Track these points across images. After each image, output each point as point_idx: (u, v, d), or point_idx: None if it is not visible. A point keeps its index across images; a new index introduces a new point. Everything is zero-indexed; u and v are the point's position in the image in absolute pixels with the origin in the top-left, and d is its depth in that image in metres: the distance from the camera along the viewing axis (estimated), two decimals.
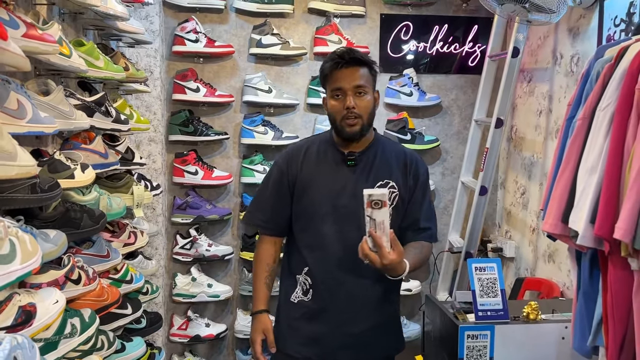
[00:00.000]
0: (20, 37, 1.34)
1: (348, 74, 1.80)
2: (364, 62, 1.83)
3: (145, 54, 3.14)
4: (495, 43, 3.21)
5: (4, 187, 1.31)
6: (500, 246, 3.34)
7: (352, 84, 1.80)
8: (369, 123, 1.86)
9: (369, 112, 1.84)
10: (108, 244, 2.20)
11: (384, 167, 1.88)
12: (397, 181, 1.88)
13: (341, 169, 1.88)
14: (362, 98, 1.81)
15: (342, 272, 1.87)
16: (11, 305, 1.33)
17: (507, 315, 1.94)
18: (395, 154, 1.92)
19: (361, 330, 1.90)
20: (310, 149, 1.95)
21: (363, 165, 1.87)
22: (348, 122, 1.81)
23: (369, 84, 1.83)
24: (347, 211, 1.85)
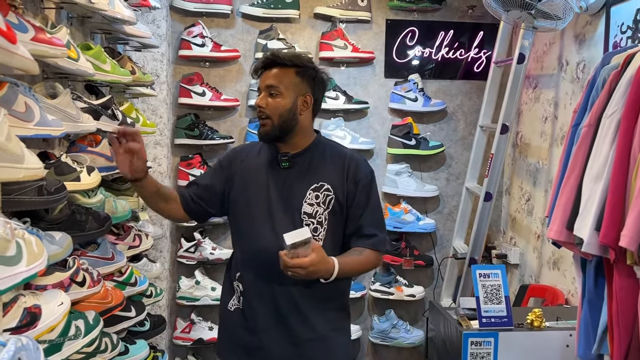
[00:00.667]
0: (29, 41, 1.35)
1: (266, 75, 1.77)
2: (285, 64, 1.76)
3: (152, 58, 3.16)
4: (500, 49, 3.21)
5: (12, 189, 1.32)
6: (505, 252, 3.33)
7: (265, 82, 1.77)
8: (281, 125, 1.75)
9: (279, 114, 1.74)
10: (113, 247, 2.21)
11: (319, 170, 1.78)
12: (332, 184, 1.77)
13: (276, 171, 1.80)
14: (273, 99, 1.75)
15: (274, 277, 1.73)
16: (16, 307, 1.34)
17: (511, 322, 1.94)
18: (334, 157, 1.81)
19: (300, 341, 1.77)
20: (253, 150, 1.90)
21: (299, 168, 1.79)
22: (260, 122, 1.78)
23: (287, 85, 1.75)
24: (279, 215, 1.77)
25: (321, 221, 1.76)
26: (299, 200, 1.76)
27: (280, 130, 1.77)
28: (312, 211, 1.76)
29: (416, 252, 3.47)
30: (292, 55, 1.83)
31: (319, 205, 1.76)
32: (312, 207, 1.76)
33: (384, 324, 3.41)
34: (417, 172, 3.51)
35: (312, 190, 1.76)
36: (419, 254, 3.47)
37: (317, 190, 1.77)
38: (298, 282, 1.72)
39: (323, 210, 1.76)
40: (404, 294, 3.42)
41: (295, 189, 1.77)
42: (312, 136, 1.84)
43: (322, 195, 1.77)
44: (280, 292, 1.76)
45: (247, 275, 1.81)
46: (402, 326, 3.43)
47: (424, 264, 3.46)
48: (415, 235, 3.49)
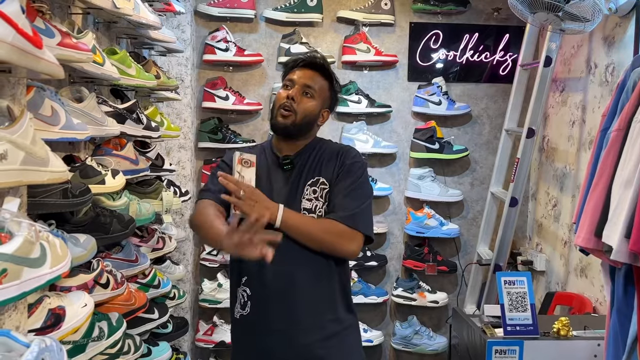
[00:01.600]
0: (55, 46, 1.37)
1: (305, 73, 1.78)
2: (327, 72, 1.80)
3: (177, 63, 3.20)
4: (527, 52, 3.16)
5: (37, 192, 1.34)
6: (531, 259, 3.27)
7: (303, 81, 1.77)
8: (302, 127, 1.76)
9: (306, 115, 1.75)
10: (137, 249, 2.23)
11: (315, 166, 1.79)
12: (326, 177, 1.77)
13: (278, 173, 1.80)
14: (307, 99, 1.76)
15: (278, 279, 1.72)
16: (41, 308, 1.35)
17: (536, 331, 1.90)
18: (330, 151, 1.81)
19: (309, 342, 1.73)
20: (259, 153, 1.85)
21: (299, 167, 1.78)
22: (282, 112, 1.75)
23: (320, 94, 1.78)
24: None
25: (321, 215, 1.74)
26: (298, 197, 1.76)
27: (297, 130, 1.77)
28: (311, 206, 1.74)
29: (439, 257, 3.43)
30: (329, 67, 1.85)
31: (317, 200, 1.75)
32: (311, 202, 1.75)
33: (406, 330, 3.38)
34: (440, 176, 3.47)
35: (309, 185, 1.76)
36: (442, 260, 3.43)
37: (314, 185, 1.76)
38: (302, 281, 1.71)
39: (322, 204, 1.75)
40: (427, 300, 3.38)
41: (294, 187, 1.77)
42: (312, 138, 1.85)
43: (319, 189, 1.76)
44: (289, 291, 1.73)
45: (253, 279, 1.76)
46: (425, 332, 3.39)
47: (447, 270, 3.41)
48: (438, 241, 3.45)
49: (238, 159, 1.72)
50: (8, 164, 0.92)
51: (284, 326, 1.74)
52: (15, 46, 0.94)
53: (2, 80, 1.13)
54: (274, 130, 1.82)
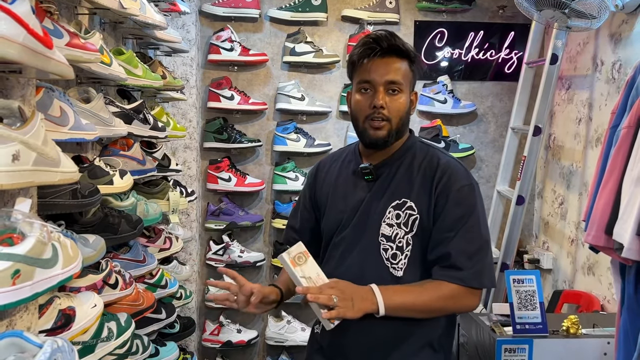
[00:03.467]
0: (64, 46, 1.37)
1: (382, 65, 1.43)
2: (405, 52, 1.45)
3: (182, 63, 3.20)
4: (532, 49, 3.15)
5: (47, 193, 1.34)
6: (537, 257, 3.26)
7: (385, 77, 1.43)
8: (399, 129, 1.46)
9: (400, 116, 1.45)
10: (144, 249, 2.23)
11: (404, 183, 1.47)
12: (417, 201, 1.45)
13: (359, 183, 1.52)
14: (396, 97, 1.43)
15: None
16: (51, 309, 1.36)
17: (546, 329, 1.89)
18: (425, 165, 1.48)
19: None
20: (337, 160, 1.63)
21: (383, 180, 1.49)
22: (374, 123, 1.44)
23: (407, 81, 1.45)
24: (354, 236, 1.50)
25: (401, 246, 1.44)
26: (377, 219, 1.47)
27: (397, 135, 1.47)
28: (391, 233, 1.45)
29: None
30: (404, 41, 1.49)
31: (399, 227, 1.44)
32: (392, 228, 1.45)
33: None
34: None
35: (392, 207, 1.46)
36: None
37: (399, 208, 1.45)
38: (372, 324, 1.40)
39: (404, 233, 1.44)
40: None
41: (375, 206, 1.48)
42: (405, 136, 1.53)
43: (403, 214, 1.45)
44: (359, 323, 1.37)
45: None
46: None
47: None
48: None
49: (290, 261, 1.38)
50: (21, 165, 0.92)
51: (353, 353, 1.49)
52: (26, 46, 0.94)
53: (12, 81, 1.13)
54: (368, 146, 1.50)
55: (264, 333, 3.34)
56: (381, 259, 1.46)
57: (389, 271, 1.45)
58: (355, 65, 1.48)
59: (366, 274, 1.45)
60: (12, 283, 0.92)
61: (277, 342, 3.29)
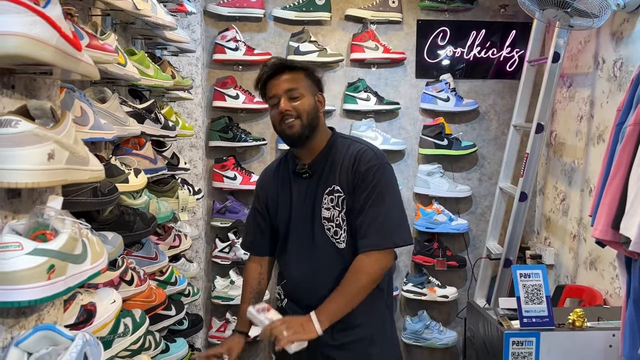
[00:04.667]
0: (85, 48, 1.40)
1: (278, 81, 1.76)
2: (293, 67, 1.78)
3: (187, 62, 3.22)
4: (534, 48, 3.19)
5: (69, 191, 1.37)
6: (539, 253, 3.30)
7: (282, 88, 1.75)
8: (310, 124, 1.75)
9: (307, 112, 1.74)
10: (156, 247, 2.26)
11: (332, 172, 1.77)
12: (341, 184, 1.75)
13: (298, 182, 1.83)
14: (297, 100, 1.74)
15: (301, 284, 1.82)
16: (74, 304, 1.39)
17: (552, 322, 1.93)
18: (345, 154, 1.78)
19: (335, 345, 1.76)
20: (277, 169, 1.93)
21: (316, 175, 1.79)
22: (286, 123, 1.74)
23: (304, 87, 1.76)
24: (299, 224, 1.81)
25: (339, 223, 1.75)
26: (318, 206, 1.78)
27: (309, 129, 1.76)
28: (329, 215, 1.76)
29: (449, 252, 3.46)
30: (295, 60, 1.89)
31: (334, 208, 1.75)
32: (329, 211, 1.76)
33: (416, 324, 3.41)
34: (449, 172, 3.51)
35: (326, 194, 1.77)
36: (451, 255, 3.46)
37: (331, 194, 1.76)
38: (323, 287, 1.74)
39: (338, 212, 1.75)
40: (437, 295, 3.41)
41: (313, 196, 1.79)
42: (327, 136, 1.83)
43: (335, 197, 1.76)
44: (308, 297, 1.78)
45: (285, 283, 1.90)
46: (435, 327, 3.42)
47: (456, 265, 3.45)
48: (447, 236, 3.49)
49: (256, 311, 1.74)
50: (55, 163, 0.95)
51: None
52: (58, 49, 0.97)
53: (39, 82, 1.17)
54: (290, 144, 1.82)
55: None
56: (327, 238, 1.76)
57: (335, 246, 1.76)
58: (264, 91, 1.82)
59: (318, 252, 1.77)
60: (48, 278, 0.95)
61: None
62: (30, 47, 0.90)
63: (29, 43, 0.90)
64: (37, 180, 0.92)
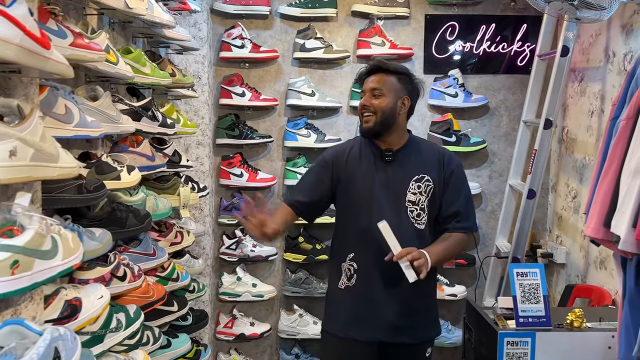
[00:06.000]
0: (67, 46, 1.42)
1: (371, 79, 2.07)
2: (388, 70, 2.06)
3: (194, 60, 3.24)
4: (544, 42, 3.11)
5: (52, 188, 1.39)
6: (551, 252, 3.23)
7: (369, 86, 2.06)
8: (384, 122, 2.03)
9: (382, 111, 2.02)
10: (155, 243, 2.29)
11: (419, 164, 2.06)
12: (431, 175, 2.05)
13: (380, 164, 2.07)
14: (377, 98, 2.03)
15: (381, 259, 1.98)
16: (58, 300, 1.41)
17: (549, 322, 1.89)
18: (429, 152, 2.11)
19: (401, 314, 2.02)
20: (354, 147, 2.15)
21: (399, 162, 2.06)
22: (363, 118, 2.06)
23: (389, 88, 2.04)
24: (384, 202, 2.04)
25: (423, 208, 2.04)
26: (403, 189, 2.04)
27: (382, 126, 2.04)
28: (415, 199, 2.04)
29: None
30: (394, 64, 2.11)
31: (420, 194, 2.03)
32: (415, 195, 2.04)
33: None
34: None
35: (414, 181, 2.04)
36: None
37: (419, 181, 2.04)
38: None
39: (424, 198, 2.04)
40: (445, 294, 3.36)
41: (399, 180, 2.05)
42: (406, 135, 2.12)
43: (423, 185, 2.04)
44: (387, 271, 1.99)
45: (360, 254, 2.07)
46: (444, 326, 3.38)
47: (465, 263, 3.40)
48: None
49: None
50: (18, 160, 0.97)
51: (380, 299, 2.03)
52: (23, 47, 0.99)
53: (15, 80, 1.18)
54: (363, 135, 2.10)
55: (277, 326, 3.39)
56: (408, 218, 2.04)
57: (414, 226, 2.04)
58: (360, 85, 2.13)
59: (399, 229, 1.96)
60: (11, 273, 0.97)
61: (290, 335, 3.33)
62: None
63: None
64: None
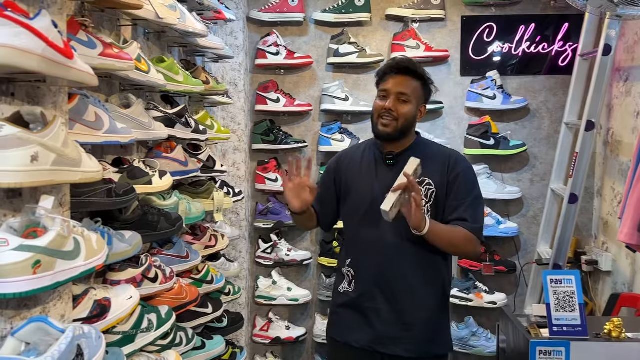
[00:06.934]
0: (97, 56, 1.48)
1: (397, 80, 1.94)
2: (417, 74, 1.95)
3: (231, 68, 3.31)
4: (587, 41, 3.00)
5: (82, 192, 1.46)
6: (596, 259, 3.10)
7: (397, 89, 1.93)
8: (404, 129, 1.95)
9: (405, 119, 1.93)
10: (188, 246, 2.34)
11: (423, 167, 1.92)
12: (433, 178, 1.94)
13: (381, 168, 1.99)
14: (403, 105, 1.93)
15: (381, 265, 1.93)
16: (87, 299, 1.47)
17: (585, 332, 1.81)
18: (434, 155, 1.99)
19: (396, 325, 1.92)
20: (357, 151, 2.10)
21: (402, 165, 1.91)
22: (383, 121, 1.94)
23: (415, 95, 1.94)
24: None
25: (424, 212, 1.89)
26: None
27: (400, 133, 1.96)
28: None
29: (497, 257, 3.32)
30: (420, 67, 2.01)
31: (422, 198, 1.87)
32: None
33: (462, 331, 3.30)
34: (497, 173, 3.37)
35: None
36: (500, 259, 3.32)
37: (420, 185, 1.90)
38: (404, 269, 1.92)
39: (426, 202, 1.92)
40: (484, 301, 3.28)
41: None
42: (414, 137, 2.03)
43: (424, 189, 1.93)
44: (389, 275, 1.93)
45: (358, 261, 2.00)
46: (483, 334, 3.30)
47: (505, 270, 3.31)
48: (496, 240, 3.35)
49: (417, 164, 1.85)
50: (39, 165, 1.02)
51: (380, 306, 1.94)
52: (45, 57, 1.04)
53: (44, 89, 1.25)
54: (377, 137, 2.00)
55: (312, 330, 3.39)
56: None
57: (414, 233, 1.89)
58: (380, 79, 2.00)
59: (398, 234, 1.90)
60: (33, 272, 1.01)
61: (325, 340, 3.32)
62: (13, 56, 0.97)
63: (11, 53, 0.97)
64: (19, 181, 0.98)
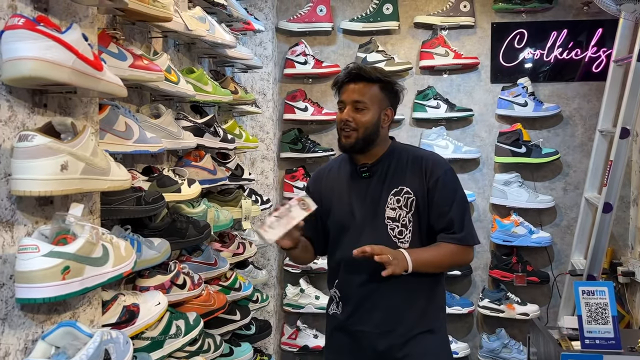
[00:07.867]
0: (127, 68, 1.53)
1: (351, 88, 1.81)
2: (371, 79, 1.80)
3: (260, 78, 3.35)
4: (621, 46, 2.92)
5: (112, 199, 1.50)
6: (632, 270, 3.00)
7: (351, 98, 1.80)
8: (366, 138, 1.81)
9: (365, 127, 1.80)
10: (217, 253, 2.37)
11: (397, 175, 1.84)
12: (411, 186, 1.81)
13: (357, 181, 1.88)
14: (361, 113, 1.79)
15: (365, 285, 1.82)
16: (116, 305, 1.50)
17: (619, 345, 1.75)
18: (411, 160, 1.85)
19: (384, 346, 1.80)
20: (333, 168, 1.98)
21: (378, 176, 1.85)
22: (344, 133, 1.82)
23: (374, 101, 1.80)
24: (361, 222, 1.84)
25: (405, 223, 1.80)
26: (382, 206, 1.82)
27: (364, 142, 1.83)
28: (395, 215, 1.80)
29: (529, 267, 3.26)
30: (375, 69, 1.86)
31: (401, 209, 1.80)
32: (395, 211, 1.81)
33: (494, 342, 3.24)
34: (529, 181, 3.31)
35: (392, 195, 1.82)
36: (532, 270, 3.25)
37: (398, 194, 1.82)
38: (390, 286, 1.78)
39: (406, 212, 1.80)
40: (516, 312, 3.22)
41: (377, 196, 1.83)
42: (388, 144, 1.90)
43: (403, 198, 1.81)
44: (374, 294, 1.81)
45: (343, 281, 1.89)
46: (515, 346, 3.23)
47: (538, 281, 3.23)
48: (528, 250, 3.28)
49: (298, 198, 1.76)
50: (69, 174, 1.05)
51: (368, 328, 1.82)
52: (75, 69, 1.08)
53: (75, 100, 1.29)
54: (343, 151, 1.90)
55: None
56: (389, 237, 1.80)
57: (397, 245, 1.79)
58: (338, 90, 1.88)
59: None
60: (62, 278, 1.05)
61: None
62: (44, 69, 1.01)
63: (43, 66, 1.01)
64: (49, 189, 1.02)
